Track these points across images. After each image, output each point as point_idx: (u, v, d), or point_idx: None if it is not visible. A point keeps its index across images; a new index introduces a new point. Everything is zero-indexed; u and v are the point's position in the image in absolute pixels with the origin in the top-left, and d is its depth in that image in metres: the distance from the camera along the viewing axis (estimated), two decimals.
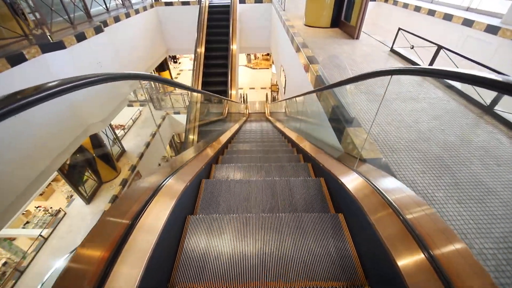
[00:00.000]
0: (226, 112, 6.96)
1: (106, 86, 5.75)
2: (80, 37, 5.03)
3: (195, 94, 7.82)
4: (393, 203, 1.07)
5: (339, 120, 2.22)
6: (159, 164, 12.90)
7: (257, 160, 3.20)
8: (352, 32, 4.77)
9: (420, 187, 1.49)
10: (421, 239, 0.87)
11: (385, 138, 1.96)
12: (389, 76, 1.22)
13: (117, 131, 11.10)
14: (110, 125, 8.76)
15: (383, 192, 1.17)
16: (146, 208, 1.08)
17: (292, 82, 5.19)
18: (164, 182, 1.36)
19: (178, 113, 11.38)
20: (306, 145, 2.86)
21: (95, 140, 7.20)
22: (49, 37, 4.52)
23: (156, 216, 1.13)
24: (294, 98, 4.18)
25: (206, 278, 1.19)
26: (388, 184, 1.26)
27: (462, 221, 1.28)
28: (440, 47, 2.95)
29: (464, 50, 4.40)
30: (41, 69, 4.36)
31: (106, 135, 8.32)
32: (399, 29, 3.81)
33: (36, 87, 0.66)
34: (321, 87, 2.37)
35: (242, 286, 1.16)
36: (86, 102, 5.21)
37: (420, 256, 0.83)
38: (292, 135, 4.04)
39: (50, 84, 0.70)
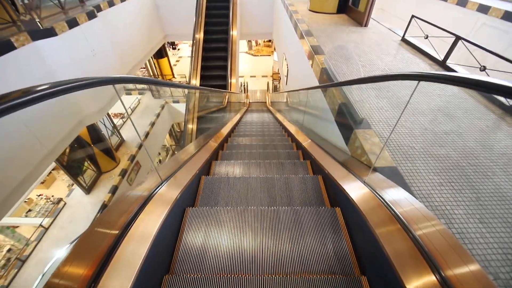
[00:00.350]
0: (226, 101, 6.75)
1: (102, 74, 5.51)
2: (72, 23, 4.75)
3: (193, 83, 7.58)
4: (404, 221, 0.95)
5: (346, 119, 2.05)
6: (159, 153, 12.83)
7: (257, 156, 3.10)
8: (360, 19, 4.46)
9: (437, 202, 1.35)
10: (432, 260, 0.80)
11: (398, 142, 1.79)
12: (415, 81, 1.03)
13: (115, 120, 10.95)
14: (108, 114, 8.59)
15: (398, 213, 1.03)
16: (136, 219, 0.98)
17: (295, 73, 4.94)
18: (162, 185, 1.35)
19: (178, 101, 11.13)
20: (309, 145, 2.70)
21: (93, 130, 7.05)
22: (38, 24, 4.26)
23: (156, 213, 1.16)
24: (296, 92, 3.98)
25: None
26: (404, 202, 1.11)
27: (485, 245, 1.15)
28: (458, 38, 2.70)
29: (476, 39, 4.12)
30: (33, 58, 4.14)
31: (104, 125, 8.17)
32: (412, 16, 3.53)
33: None
34: (331, 84, 2.17)
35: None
36: (81, 92, 5.00)
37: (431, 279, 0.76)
38: (292, 130, 3.88)
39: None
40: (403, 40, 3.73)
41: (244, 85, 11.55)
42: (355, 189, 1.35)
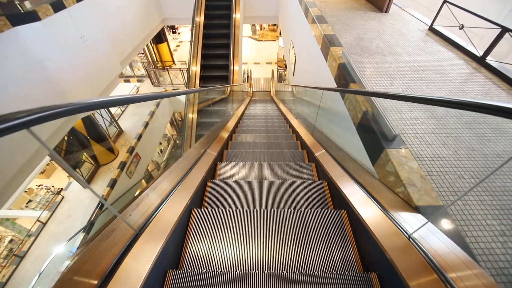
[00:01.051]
0: (229, 91, 6.34)
1: (94, 63, 5.12)
2: (58, 6, 4.28)
3: (193, 69, 7.12)
4: None
5: (373, 132, 1.68)
6: (160, 143, 12.54)
7: (262, 158, 2.87)
8: (380, 4, 3.94)
9: (503, 263, 1.02)
10: None
11: (440, 167, 1.44)
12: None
13: (113, 110, 10.58)
14: None
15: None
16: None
17: (304, 65, 4.49)
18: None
19: (178, 89, 10.68)
20: (323, 157, 2.34)
21: (89, 122, 6.73)
22: (18, 6, 3.81)
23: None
24: (305, 88, 3.57)
25: None
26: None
27: None
28: (505, 30, 2.26)
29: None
30: (14, 46, 3.73)
31: (101, 115, 7.83)
32: (445, 1, 3.03)
33: None
34: (362, 91, 1.77)
35: None
36: (73, 80, 4.63)
37: None
38: (302, 132, 3.51)
39: None
40: (431, 29, 3.25)
41: (247, 73, 11.01)
42: (399, 253, 1.01)
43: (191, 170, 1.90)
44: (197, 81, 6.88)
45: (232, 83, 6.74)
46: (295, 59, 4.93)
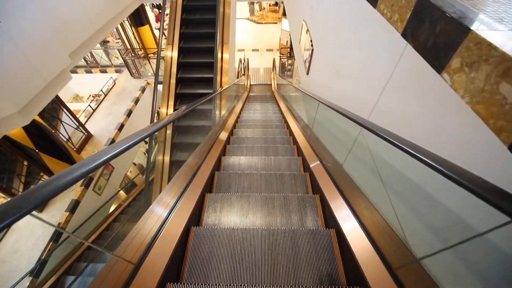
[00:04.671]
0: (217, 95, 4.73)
1: (18, 59, 3.46)
2: None
3: (169, 55, 5.48)
4: None
5: None
6: (146, 142, 10.97)
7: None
8: None
9: None
10: None
11: None
12: None
13: (83, 106, 8.93)
14: (64, 105, 6.61)
15: None
16: None
17: (333, 57, 2.80)
18: None
19: (161, 82, 9.00)
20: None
21: (36, 130, 5.16)
22: None
23: None
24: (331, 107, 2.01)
25: None
26: None
27: None
28: None
29: None
30: None
31: (59, 119, 6.25)
32: None
33: None
34: None
35: None
36: None
37: None
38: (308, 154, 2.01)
39: None
40: None
41: (243, 62, 9.27)
42: None
43: None
44: (174, 69, 5.27)
45: (220, 75, 5.13)
46: (312, 50, 3.25)
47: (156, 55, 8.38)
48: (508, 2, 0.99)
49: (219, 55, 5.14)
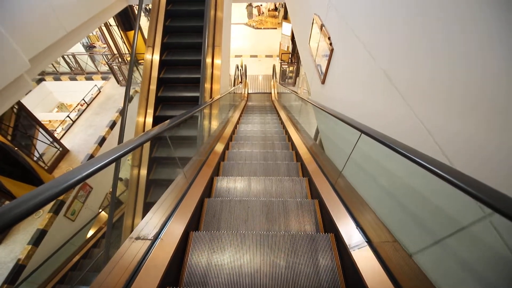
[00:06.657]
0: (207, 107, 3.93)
1: None
2: None
3: (148, 59, 4.70)
4: None
5: None
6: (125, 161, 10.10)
7: None
8: None
9: None
10: None
11: None
12: None
13: (62, 117, 8.05)
14: (36, 120, 5.77)
15: None
16: None
17: (380, 72, 1.94)
18: None
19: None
20: None
21: None
22: None
23: None
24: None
25: None
26: None
27: None
28: None
29: None
30: None
31: (28, 135, 5.42)
32: None
33: None
34: None
35: None
36: None
37: None
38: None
39: None
40: None
41: (240, 69, 8.53)
42: None
43: None
44: (155, 73, 4.47)
45: (211, 81, 4.32)
46: (332, 50, 2.39)
47: (143, 62, 7.63)
48: None
49: (206, 61, 4.34)
